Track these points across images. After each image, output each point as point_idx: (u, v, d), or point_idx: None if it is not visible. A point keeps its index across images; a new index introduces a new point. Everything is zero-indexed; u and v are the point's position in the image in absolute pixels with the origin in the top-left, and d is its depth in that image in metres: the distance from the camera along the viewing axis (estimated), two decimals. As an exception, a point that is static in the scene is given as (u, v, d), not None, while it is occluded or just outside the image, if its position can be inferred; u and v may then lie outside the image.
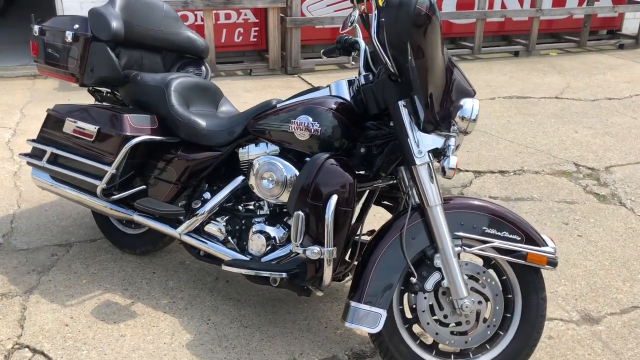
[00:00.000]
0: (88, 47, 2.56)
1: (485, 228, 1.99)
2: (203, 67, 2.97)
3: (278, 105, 2.27)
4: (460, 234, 1.98)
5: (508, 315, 2.06)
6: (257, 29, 6.32)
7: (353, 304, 1.97)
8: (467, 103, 1.88)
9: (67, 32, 2.59)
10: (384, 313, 1.96)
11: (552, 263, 1.98)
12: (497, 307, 2.02)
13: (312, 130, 2.07)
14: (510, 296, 2.05)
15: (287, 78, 6.18)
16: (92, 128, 2.48)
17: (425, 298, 2.00)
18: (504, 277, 2.05)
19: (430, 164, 1.94)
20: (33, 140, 2.71)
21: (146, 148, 2.50)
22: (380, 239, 2.01)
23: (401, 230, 1.98)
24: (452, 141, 1.91)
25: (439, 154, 1.95)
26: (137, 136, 2.41)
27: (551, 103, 5.51)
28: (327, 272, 1.98)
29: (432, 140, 1.94)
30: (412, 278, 1.97)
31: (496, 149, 4.37)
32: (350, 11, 2.10)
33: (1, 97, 5.42)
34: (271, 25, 6.10)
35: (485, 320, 2.02)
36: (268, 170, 2.19)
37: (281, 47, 6.27)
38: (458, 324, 2.02)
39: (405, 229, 1.97)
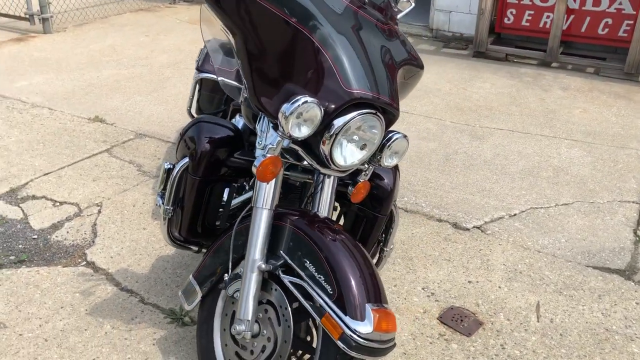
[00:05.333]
0: None
1: (306, 261, 1.61)
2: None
3: None
4: (282, 254, 1.66)
5: (304, 377, 1.64)
6: (630, 22, 5.21)
7: (190, 275, 1.93)
8: (298, 100, 1.51)
9: None
10: (199, 296, 1.86)
11: (347, 342, 1.48)
12: (281, 356, 1.63)
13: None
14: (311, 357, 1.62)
15: (638, 88, 4.98)
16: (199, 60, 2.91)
17: (233, 303, 1.79)
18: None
19: None
20: (199, 63, 3.32)
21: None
22: (232, 225, 1.86)
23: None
24: (272, 139, 1.59)
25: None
26: (206, 72, 2.72)
27: None
28: (163, 229, 1.97)
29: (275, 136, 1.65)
30: (225, 275, 1.78)
31: None
32: None
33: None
34: (641, 19, 4.97)
35: (267, 361, 1.67)
36: None
37: (650, 50, 5.05)
38: (244, 347, 1.74)
39: (237, 222, 1.78)
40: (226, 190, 1.96)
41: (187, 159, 1.88)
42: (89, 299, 2.31)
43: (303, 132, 1.54)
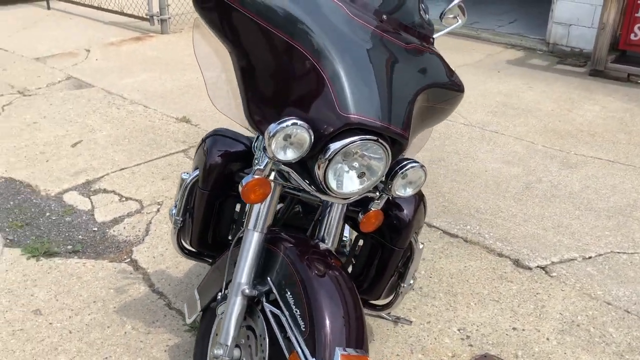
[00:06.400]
0: None
1: (287, 292, 1.52)
2: None
3: None
4: (269, 281, 1.59)
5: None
6: None
7: (195, 288, 1.92)
8: (285, 121, 1.42)
9: None
10: (198, 310, 1.84)
11: (307, 388, 1.37)
12: (253, 389, 1.56)
13: None
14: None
15: None
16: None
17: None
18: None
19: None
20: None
21: None
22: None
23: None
24: (261, 161, 1.52)
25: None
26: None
27: None
28: (172, 238, 1.97)
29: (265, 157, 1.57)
30: (219, 294, 1.74)
31: None
32: None
33: (462, 56, 5.90)
34: None
35: (242, 392, 1.60)
36: None
37: None
38: (226, 373, 1.68)
39: (234, 242, 1.73)
40: (238, 206, 1.91)
41: (196, 172, 1.86)
42: (121, 297, 2.38)
43: (289, 155, 1.45)
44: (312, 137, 1.43)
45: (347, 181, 1.53)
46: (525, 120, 4.24)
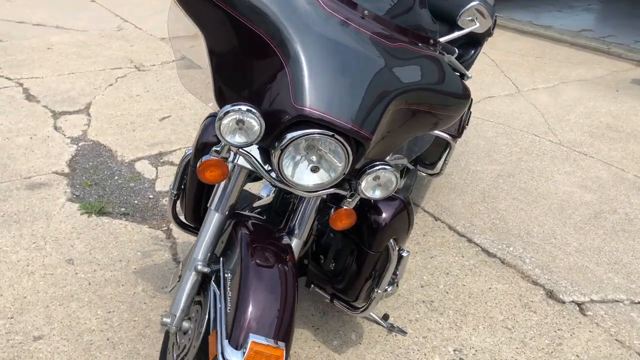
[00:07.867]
0: None
1: (229, 274, 1.57)
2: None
3: None
4: (221, 261, 1.65)
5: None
6: None
7: (182, 261, 2.02)
8: (235, 105, 1.45)
9: None
10: (177, 281, 1.94)
11: (220, 366, 1.41)
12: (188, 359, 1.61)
13: None
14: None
15: None
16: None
17: (190, 298, 1.81)
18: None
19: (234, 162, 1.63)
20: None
21: None
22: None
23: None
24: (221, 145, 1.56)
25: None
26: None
27: None
28: (168, 210, 2.07)
29: None
30: None
31: None
32: None
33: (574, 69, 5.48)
34: None
35: (182, 363, 1.66)
36: None
37: None
38: (177, 340, 1.76)
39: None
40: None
41: (191, 150, 1.95)
42: (144, 260, 2.55)
43: (237, 139, 1.48)
44: (262, 125, 1.44)
45: (303, 173, 1.53)
46: (625, 146, 3.84)
